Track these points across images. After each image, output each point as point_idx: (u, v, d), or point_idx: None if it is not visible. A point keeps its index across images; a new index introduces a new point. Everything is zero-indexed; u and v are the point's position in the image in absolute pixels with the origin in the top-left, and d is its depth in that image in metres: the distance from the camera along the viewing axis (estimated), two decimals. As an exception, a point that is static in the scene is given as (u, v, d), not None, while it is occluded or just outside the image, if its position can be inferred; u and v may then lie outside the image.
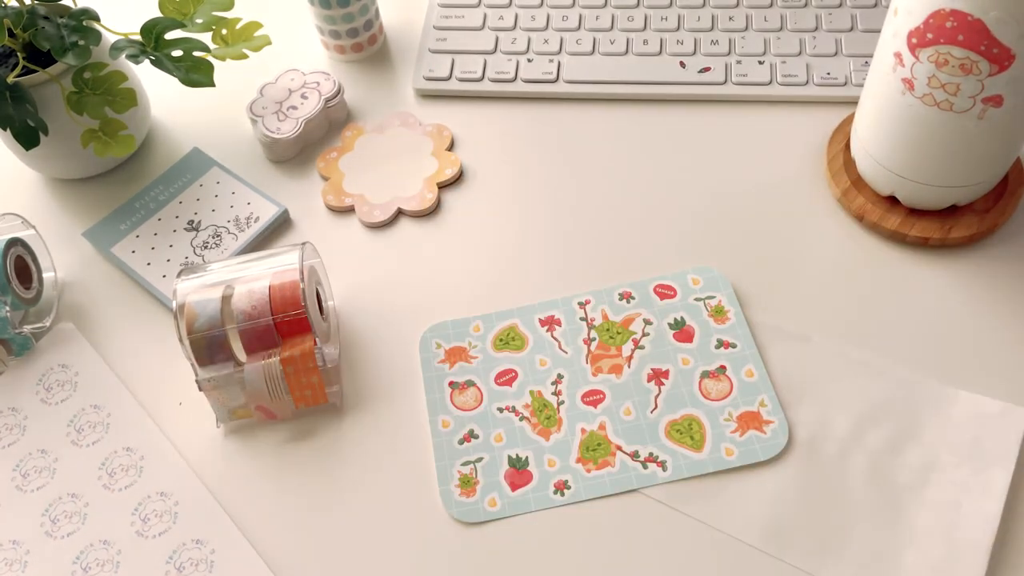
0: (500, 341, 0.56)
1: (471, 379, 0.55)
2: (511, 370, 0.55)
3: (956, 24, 0.48)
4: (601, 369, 0.55)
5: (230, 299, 0.52)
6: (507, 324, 0.57)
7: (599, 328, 0.56)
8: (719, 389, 0.53)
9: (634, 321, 0.56)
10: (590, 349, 0.56)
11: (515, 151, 0.67)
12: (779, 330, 0.55)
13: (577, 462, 0.51)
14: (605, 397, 0.54)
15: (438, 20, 0.74)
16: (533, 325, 0.57)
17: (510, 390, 0.54)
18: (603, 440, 0.52)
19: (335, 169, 0.66)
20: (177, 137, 0.70)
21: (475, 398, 0.54)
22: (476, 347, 0.56)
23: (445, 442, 0.53)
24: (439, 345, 0.56)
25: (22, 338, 0.58)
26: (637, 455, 0.51)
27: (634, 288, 0.58)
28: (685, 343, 0.55)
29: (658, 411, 0.53)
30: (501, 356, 0.56)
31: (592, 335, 0.56)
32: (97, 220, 0.65)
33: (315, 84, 0.69)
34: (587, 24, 0.72)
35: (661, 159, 0.65)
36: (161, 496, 0.53)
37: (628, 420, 0.53)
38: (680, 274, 0.58)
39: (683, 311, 0.56)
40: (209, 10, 0.63)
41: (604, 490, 0.50)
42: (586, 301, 0.57)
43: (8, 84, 0.58)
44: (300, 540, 0.51)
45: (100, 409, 0.56)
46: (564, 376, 0.55)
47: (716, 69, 0.68)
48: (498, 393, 0.54)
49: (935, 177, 0.56)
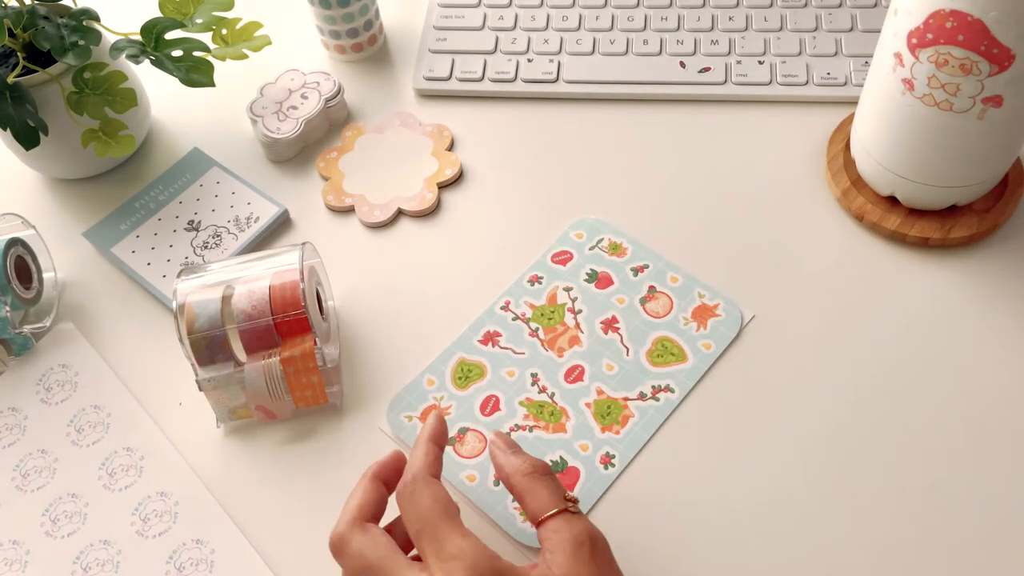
0: (459, 379, 0.55)
1: (463, 427, 0.53)
2: (490, 396, 0.55)
3: (956, 24, 0.48)
4: (563, 348, 0.56)
5: (230, 299, 0.52)
6: (454, 361, 0.56)
7: (534, 318, 0.57)
8: (662, 305, 0.57)
9: (557, 294, 0.58)
10: (540, 338, 0.56)
11: (515, 151, 0.67)
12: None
13: (604, 432, 0.52)
14: (584, 367, 0.55)
15: (438, 20, 0.74)
16: (476, 349, 0.56)
17: (502, 414, 0.54)
18: (610, 402, 0.53)
19: (335, 169, 0.66)
20: (177, 137, 0.70)
21: (477, 439, 0.53)
22: (443, 398, 0.55)
23: (486, 492, 0.51)
24: (410, 418, 0.54)
25: (22, 338, 0.58)
26: (644, 395, 0.53)
27: (537, 269, 0.59)
28: (609, 287, 0.58)
29: (632, 352, 0.55)
30: (469, 392, 0.55)
31: (533, 326, 0.57)
32: (97, 220, 0.65)
33: (315, 84, 0.69)
34: (587, 24, 0.72)
35: (661, 159, 0.65)
36: (161, 496, 0.53)
37: (615, 373, 0.54)
38: (563, 236, 0.61)
39: (588, 264, 0.59)
40: (209, 10, 0.63)
41: (641, 439, 0.52)
42: (506, 303, 0.58)
43: (8, 84, 0.58)
44: (300, 540, 0.51)
45: (100, 409, 0.56)
46: (538, 373, 0.55)
47: (716, 69, 0.68)
48: (494, 422, 0.54)
49: (935, 177, 0.56)
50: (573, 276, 0.59)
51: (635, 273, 0.58)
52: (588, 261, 0.59)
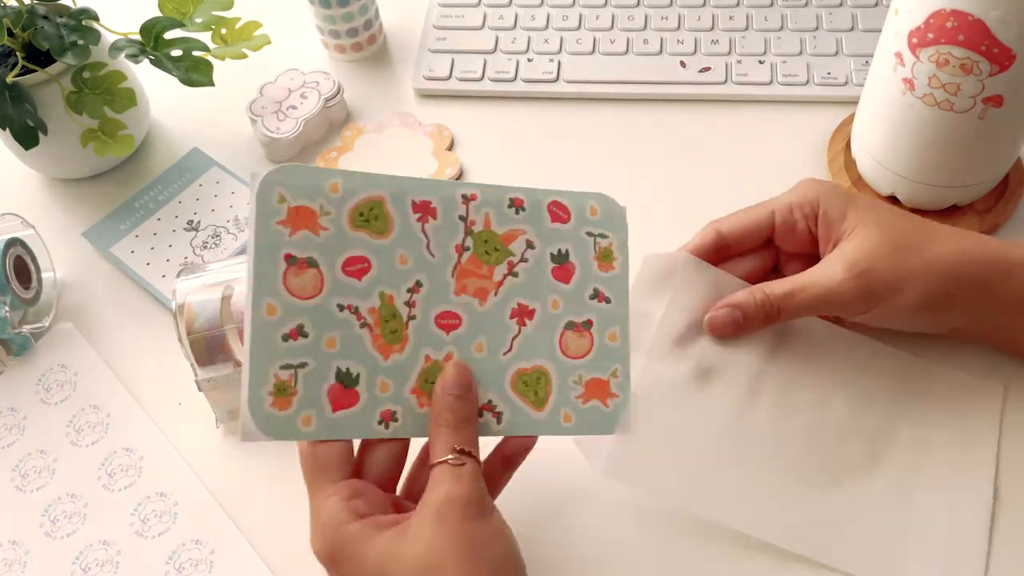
0: (360, 216, 0.44)
1: (313, 257, 0.43)
2: (364, 258, 0.44)
3: (956, 24, 0.48)
4: (466, 288, 0.45)
5: (230, 299, 0.52)
6: (373, 195, 0.44)
7: (476, 236, 0.46)
8: (579, 346, 0.47)
9: (516, 240, 0.47)
10: (460, 260, 0.46)
11: (515, 151, 0.67)
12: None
13: (411, 393, 0.44)
14: (461, 324, 0.45)
15: (438, 20, 0.74)
16: (404, 207, 0.45)
17: (358, 284, 0.43)
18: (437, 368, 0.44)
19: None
20: (177, 137, 0.70)
21: (314, 285, 0.43)
22: (329, 215, 0.43)
23: (267, 333, 0.41)
24: (282, 199, 0.42)
25: (21, 338, 0.58)
26: (491, 405, 0.45)
27: (528, 197, 0.48)
28: (561, 282, 0.47)
29: (511, 355, 0.46)
30: (356, 236, 0.44)
31: (467, 243, 0.46)
32: (97, 220, 0.65)
33: (315, 84, 0.69)
34: (587, 24, 0.72)
35: (661, 159, 0.65)
36: (161, 496, 0.53)
37: (478, 358, 0.45)
38: (580, 196, 0.49)
39: (571, 242, 0.48)
40: (209, 10, 0.63)
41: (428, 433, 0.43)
42: (471, 196, 0.46)
43: (7, 84, 0.58)
44: (300, 540, 0.50)
45: (99, 409, 0.56)
46: (423, 285, 0.45)
47: (716, 69, 0.68)
48: (343, 285, 0.43)
49: (935, 177, 0.56)
50: (548, 239, 0.47)
51: (594, 296, 0.48)
52: (573, 240, 0.48)
